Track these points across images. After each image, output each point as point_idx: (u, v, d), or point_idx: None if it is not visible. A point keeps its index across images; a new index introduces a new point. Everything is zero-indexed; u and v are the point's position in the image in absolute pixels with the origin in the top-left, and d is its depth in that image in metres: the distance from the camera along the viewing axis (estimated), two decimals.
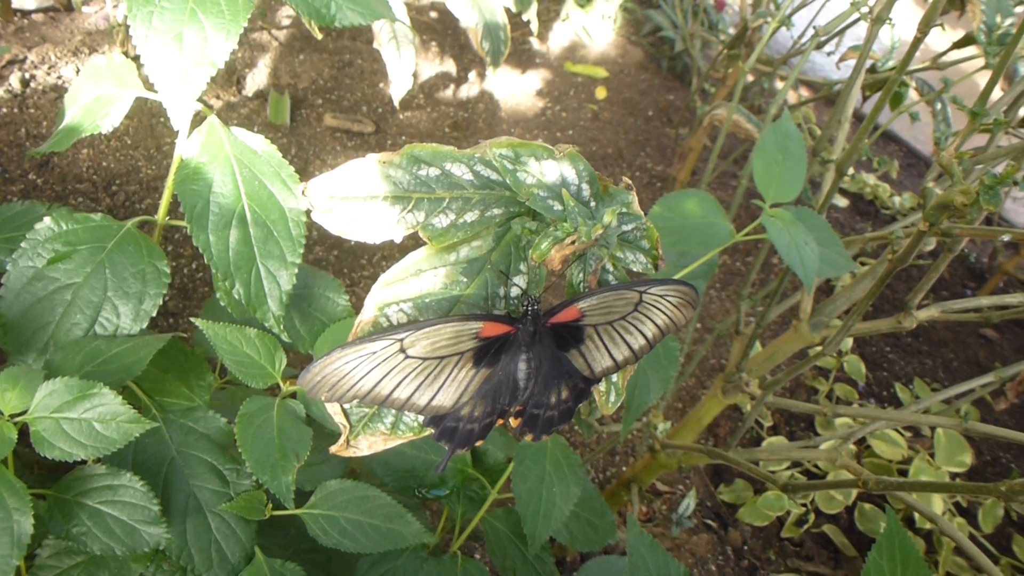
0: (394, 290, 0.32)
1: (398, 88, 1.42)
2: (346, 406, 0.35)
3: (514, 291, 0.35)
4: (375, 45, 1.40)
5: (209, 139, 0.54)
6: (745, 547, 1.30)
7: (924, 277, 0.78)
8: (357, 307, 0.59)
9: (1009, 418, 1.68)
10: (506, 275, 0.34)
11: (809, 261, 0.59)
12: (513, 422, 0.38)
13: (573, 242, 0.31)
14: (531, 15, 1.47)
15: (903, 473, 1.41)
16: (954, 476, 1.41)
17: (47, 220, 0.53)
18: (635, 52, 2.51)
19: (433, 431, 0.36)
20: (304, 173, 1.66)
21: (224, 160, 0.53)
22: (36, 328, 0.51)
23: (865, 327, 0.86)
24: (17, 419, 0.45)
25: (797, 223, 0.61)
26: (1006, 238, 0.64)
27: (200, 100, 0.55)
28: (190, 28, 0.51)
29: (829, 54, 1.47)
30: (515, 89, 2.16)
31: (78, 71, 1.70)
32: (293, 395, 0.56)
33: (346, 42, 2.06)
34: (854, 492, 1.38)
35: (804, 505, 1.36)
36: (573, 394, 0.39)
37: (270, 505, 0.54)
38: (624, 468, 1.37)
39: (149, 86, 0.56)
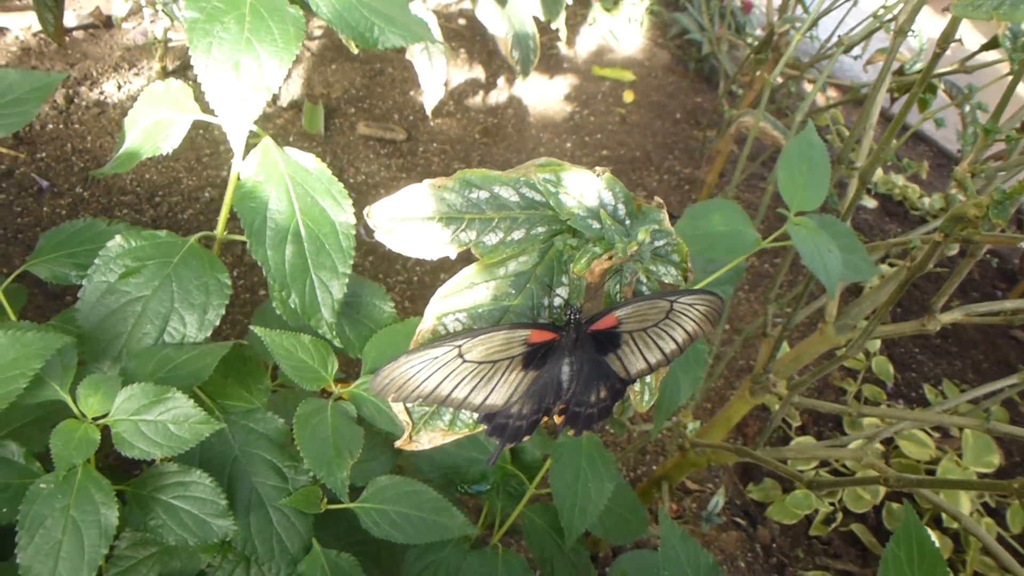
0: (450, 302, 0.36)
1: (430, 97, 1.46)
2: (409, 405, 0.39)
3: (557, 301, 0.38)
4: (407, 56, 1.44)
5: (265, 159, 0.57)
6: (774, 544, 1.33)
7: (947, 281, 0.80)
8: (396, 309, 0.63)
9: None
10: (550, 287, 0.37)
11: (832, 268, 0.61)
12: (557, 419, 0.42)
13: (610, 257, 0.34)
14: (559, 23, 1.51)
15: (931, 473, 1.42)
16: (982, 476, 1.42)
17: (118, 238, 0.58)
18: (662, 55, 2.53)
19: (486, 427, 0.40)
20: (339, 181, 1.71)
21: (279, 179, 0.57)
22: (111, 338, 0.56)
23: (890, 329, 0.88)
24: (99, 422, 0.49)
25: (820, 231, 0.64)
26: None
27: None
28: (246, 56, 0.55)
29: (856, 58, 1.49)
30: (543, 94, 2.19)
31: (119, 86, 1.76)
32: (344, 397, 0.59)
33: (377, 51, 2.10)
34: (882, 491, 1.39)
35: (832, 504, 1.38)
36: (611, 393, 0.42)
37: (325, 499, 0.58)
38: (655, 466, 1.40)
39: (205, 109, 0.60)
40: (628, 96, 2.31)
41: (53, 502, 0.45)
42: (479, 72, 2.13)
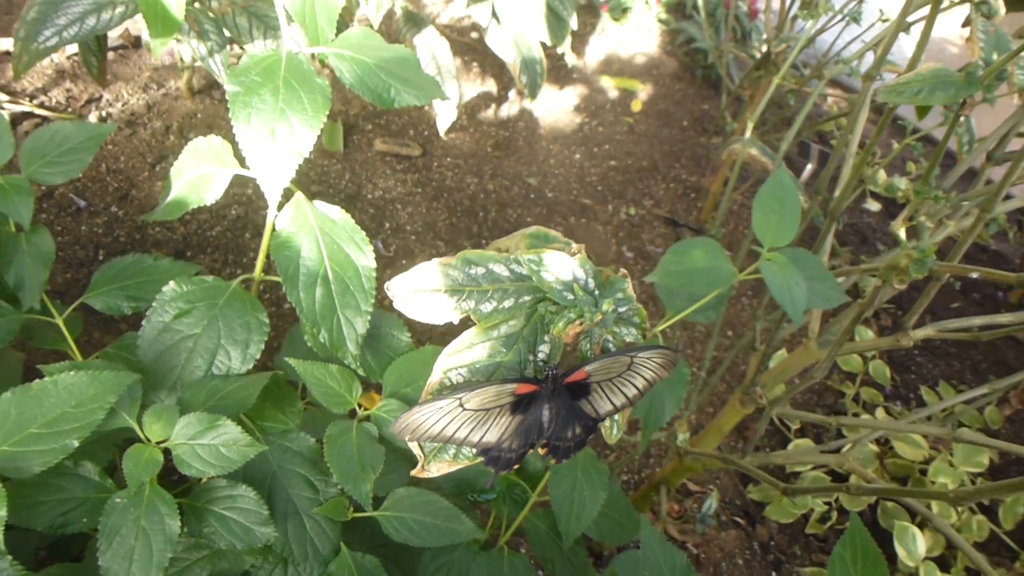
0: (454, 359, 0.44)
1: (444, 120, 1.54)
2: (421, 443, 0.48)
3: (540, 356, 0.47)
4: None
5: (297, 212, 0.66)
6: (772, 542, 1.40)
7: (917, 302, 0.88)
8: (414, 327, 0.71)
9: None
10: (534, 346, 0.46)
11: (798, 300, 0.69)
12: (541, 451, 0.51)
13: (581, 323, 0.42)
14: (565, 47, 1.58)
15: (924, 473, 1.49)
16: (974, 476, 1.49)
17: (172, 284, 0.66)
18: (670, 63, 2.59)
19: (483, 459, 0.49)
20: (357, 197, 1.79)
21: (309, 230, 0.65)
22: (166, 371, 0.65)
23: (867, 345, 0.95)
24: (162, 445, 0.58)
25: (790, 265, 0.71)
26: (975, 275, 0.73)
27: None
28: (281, 124, 0.63)
29: (849, 74, 1.55)
30: (553, 105, 2.26)
31: (148, 107, 1.85)
32: (367, 418, 0.68)
33: None
34: None
35: (828, 504, 1.45)
36: (584, 430, 0.51)
37: (352, 508, 0.67)
38: (658, 470, 1.48)
39: (243, 164, 0.69)
40: (636, 105, 2.37)
41: (127, 514, 0.54)
42: (491, 85, 2.21)
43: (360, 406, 0.69)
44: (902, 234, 0.57)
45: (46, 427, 0.52)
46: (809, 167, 2.12)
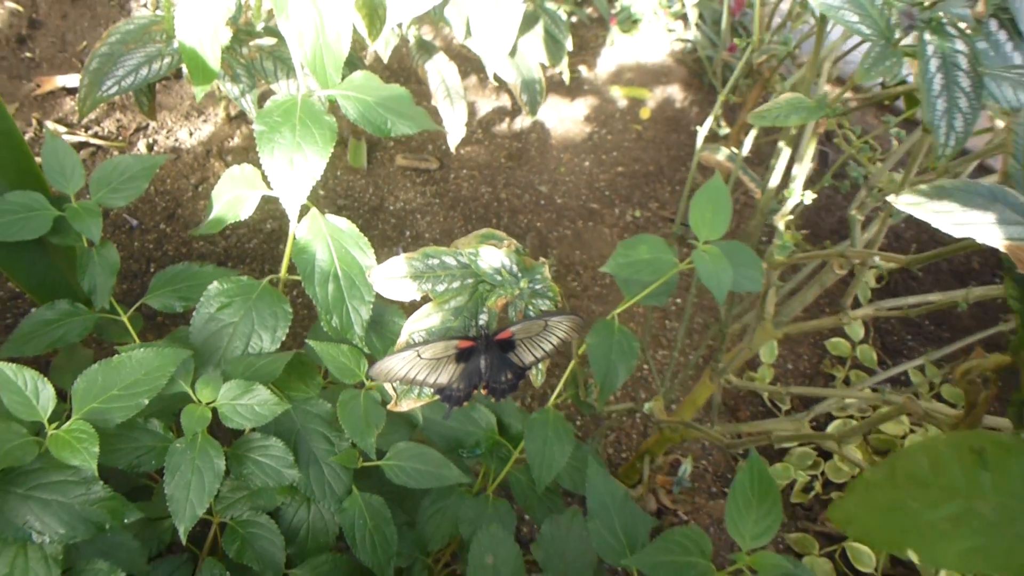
0: (415, 324, 0.61)
1: (454, 137, 1.70)
2: (394, 385, 0.64)
3: (481, 322, 0.63)
4: (432, 103, 1.69)
5: (313, 223, 0.83)
6: None
7: (850, 287, 1.02)
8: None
9: None
10: (475, 314, 0.62)
11: (723, 285, 0.83)
12: (483, 392, 0.67)
13: (506, 297, 0.58)
14: (563, 67, 1.74)
15: None
16: None
17: (215, 283, 0.84)
18: (679, 71, 2.72)
19: (439, 397, 0.65)
20: (380, 209, 1.97)
21: (323, 238, 0.82)
22: (212, 350, 0.82)
23: (813, 325, 1.09)
24: (210, 405, 0.75)
25: (721, 256, 0.86)
26: (877, 259, 0.87)
27: None
28: (298, 155, 0.80)
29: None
30: (564, 116, 2.41)
31: (190, 133, 2.04)
32: (373, 388, 0.84)
33: (412, 87, 2.36)
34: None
35: (812, 476, 1.58)
36: (514, 376, 0.67)
37: (361, 458, 0.83)
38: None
39: (270, 186, 0.85)
40: (645, 113, 2.50)
41: (185, 455, 0.71)
42: (505, 100, 2.36)
43: (367, 378, 0.85)
44: (781, 226, 0.71)
45: (124, 390, 0.69)
46: (810, 165, 2.24)
